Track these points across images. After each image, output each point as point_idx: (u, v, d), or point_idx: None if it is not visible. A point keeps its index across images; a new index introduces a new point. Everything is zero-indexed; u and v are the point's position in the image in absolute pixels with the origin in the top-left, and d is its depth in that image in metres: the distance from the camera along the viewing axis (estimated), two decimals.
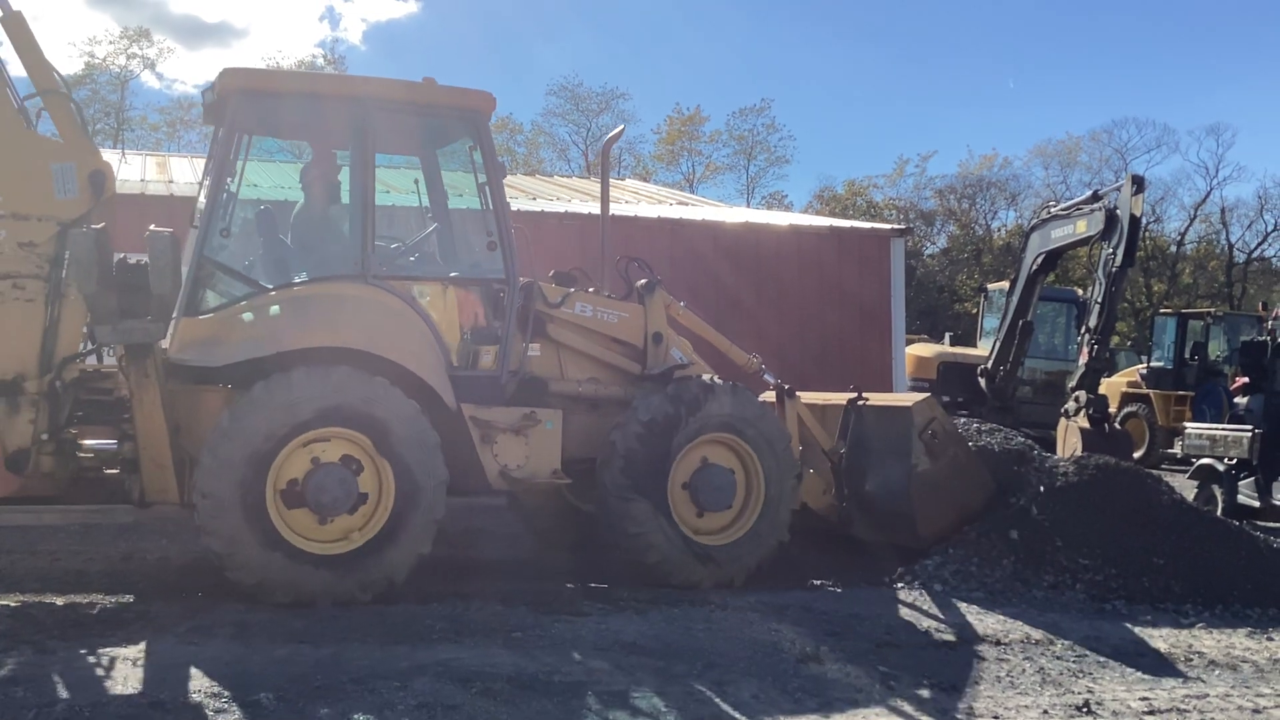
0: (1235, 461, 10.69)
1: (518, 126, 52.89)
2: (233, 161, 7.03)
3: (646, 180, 38.39)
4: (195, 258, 6.80)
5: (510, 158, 46.45)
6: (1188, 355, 19.32)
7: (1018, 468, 8.46)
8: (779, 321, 13.68)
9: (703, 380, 7.77)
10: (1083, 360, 11.75)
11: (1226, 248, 47.77)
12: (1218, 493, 10.85)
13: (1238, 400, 12.56)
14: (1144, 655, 6.36)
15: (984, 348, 16.90)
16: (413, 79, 7.42)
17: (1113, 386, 19.13)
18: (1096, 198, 11.95)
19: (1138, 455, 16.27)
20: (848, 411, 8.45)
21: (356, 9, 79.85)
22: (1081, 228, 11.98)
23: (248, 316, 6.79)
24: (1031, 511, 7.98)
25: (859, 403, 8.43)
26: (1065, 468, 8.41)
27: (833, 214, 41.39)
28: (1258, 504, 10.48)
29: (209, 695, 4.77)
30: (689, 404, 7.51)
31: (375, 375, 6.60)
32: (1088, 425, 11.22)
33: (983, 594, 7.43)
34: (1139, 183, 11.38)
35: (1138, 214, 11.31)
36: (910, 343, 18.13)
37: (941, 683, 5.60)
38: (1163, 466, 16.87)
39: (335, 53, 58.72)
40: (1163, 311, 23.88)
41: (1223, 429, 11.26)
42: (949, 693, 5.47)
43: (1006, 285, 15.23)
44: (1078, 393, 11.50)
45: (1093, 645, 6.44)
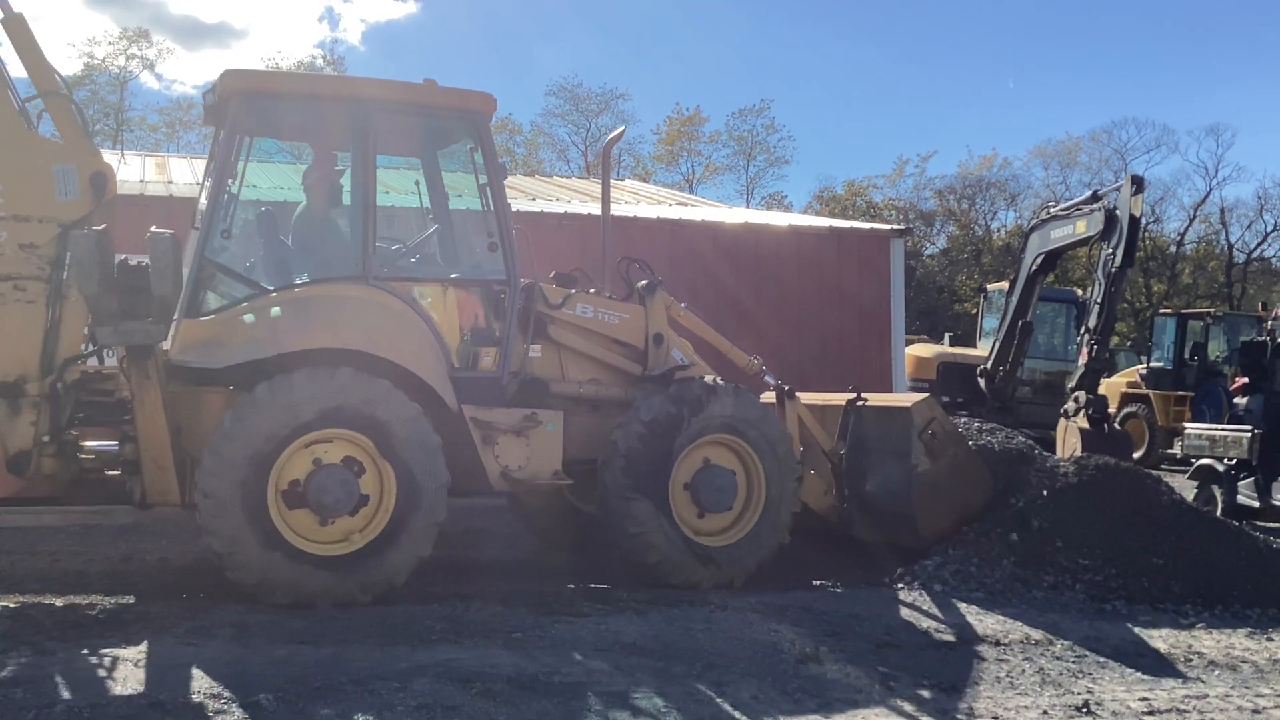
0: (1235, 462, 10.69)
1: (517, 127, 52.97)
2: (234, 163, 7.05)
3: (646, 181, 38.39)
4: (196, 259, 6.81)
5: (510, 158, 46.43)
6: (1187, 355, 19.31)
7: (1019, 468, 8.47)
8: (778, 322, 13.67)
9: (705, 381, 7.78)
10: (1082, 360, 11.73)
11: (1226, 248, 47.78)
12: (1217, 493, 10.85)
13: (1237, 400, 12.57)
14: (1144, 655, 6.37)
15: (983, 348, 16.88)
16: (412, 80, 7.44)
17: (1112, 387, 19.13)
18: (1096, 198, 11.93)
19: (1137, 456, 16.26)
20: (847, 412, 8.45)
21: (356, 10, 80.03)
22: (1081, 228, 11.97)
23: (249, 318, 6.79)
24: (1031, 512, 7.99)
25: (858, 403, 8.44)
26: (1065, 468, 8.42)
27: (832, 214, 41.40)
28: (1257, 504, 10.48)
29: (209, 696, 4.78)
30: (691, 404, 7.52)
31: (378, 377, 6.61)
32: (1087, 426, 11.21)
33: (982, 594, 7.43)
34: (1138, 183, 11.37)
35: (1137, 214, 11.30)
36: (910, 343, 18.13)
37: (941, 683, 5.60)
38: (1162, 467, 16.87)
39: (334, 53, 58.75)
40: (1162, 312, 23.87)
41: (1222, 429, 11.26)
42: (949, 693, 5.48)
43: (1006, 285, 15.21)
44: (1077, 393, 11.49)
45: (1092, 646, 6.44)
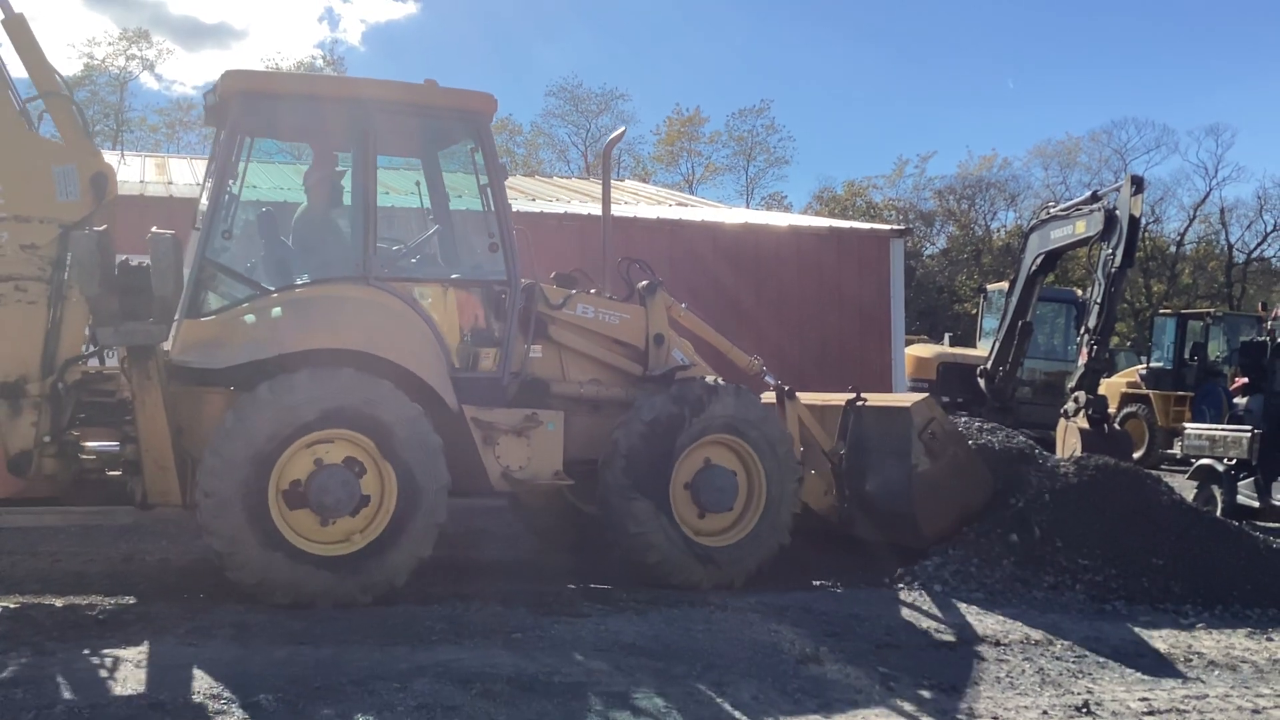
0: (1235, 462, 10.69)
1: (517, 128, 52.97)
2: (234, 164, 7.05)
3: (646, 181, 38.39)
4: (197, 260, 6.82)
5: (510, 159, 46.42)
6: (1187, 356, 19.32)
7: (1019, 468, 8.46)
8: (778, 322, 13.68)
9: (707, 381, 7.78)
10: (1082, 361, 11.74)
11: (1226, 248, 47.78)
12: (1217, 493, 10.85)
13: (1237, 400, 12.56)
14: (1143, 656, 6.37)
15: (983, 348, 16.88)
16: (412, 80, 7.44)
17: (1112, 387, 19.13)
18: (1096, 198, 11.94)
19: (1137, 456, 16.27)
20: (847, 412, 8.45)
21: (355, 10, 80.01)
22: (1081, 228, 11.97)
23: (250, 318, 6.80)
24: (1031, 513, 7.99)
25: (858, 403, 8.44)
26: (1065, 468, 8.42)
27: (832, 215, 41.40)
28: (1257, 504, 10.48)
29: (209, 696, 4.78)
30: (693, 404, 7.52)
31: (379, 377, 6.61)
32: (1087, 426, 11.21)
33: (982, 595, 7.43)
34: (1138, 183, 11.38)
35: (1137, 214, 11.31)
36: (910, 343, 18.13)
37: (941, 683, 5.61)
38: (1162, 467, 16.87)
39: (334, 54, 58.69)
40: (1162, 312, 23.88)
41: (1222, 429, 11.26)
42: (949, 693, 5.49)
43: (1006, 286, 15.21)
44: (1077, 393, 11.50)
45: (1092, 646, 6.45)
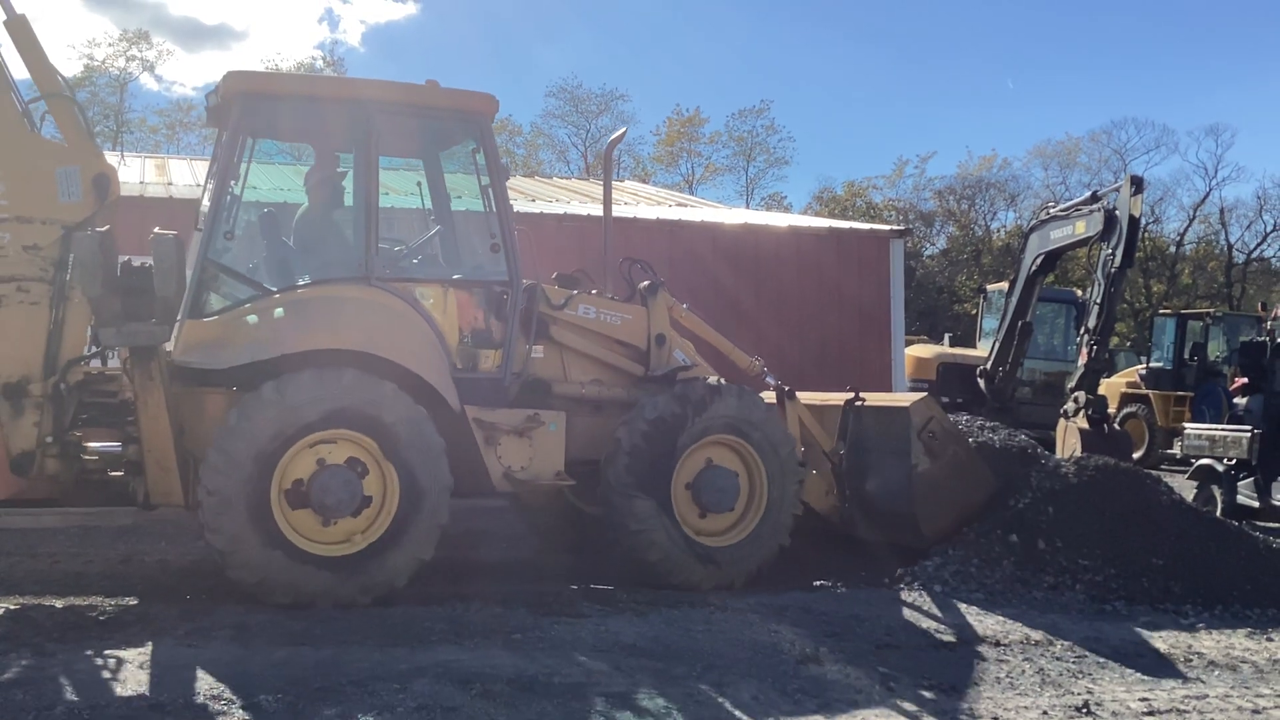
0: (1234, 462, 10.69)
1: (517, 128, 52.92)
2: (236, 164, 7.05)
3: (646, 182, 38.42)
4: (199, 260, 6.82)
5: (509, 159, 46.41)
6: (1187, 356, 19.32)
7: (1019, 467, 8.46)
8: (778, 323, 13.68)
9: (710, 382, 7.79)
10: (1082, 361, 11.74)
11: (1226, 248, 47.79)
12: (1217, 493, 10.85)
13: (1237, 401, 12.55)
14: (1143, 656, 6.38)
15: (983, 349, 16.89)
16: (412, 81, 7.45)
17: (1112, 387, 19.13)
18: (1095, 198, 11.94)
19: (1137, 456, 16.27)
20: (846, 412, 8.45)
21: (355, 11, 79.96)
22: (1080, 228, 11.97)
23: (252, 319, 6.80)
24: (1031, 513, 7.99)
25: (857, 403, 8.44)
26: (1065, 469, 8.42)
27: (832, 215, 41.42)
28: (1257, 504, 10.48)
29: (209, 697, 4.78)
30: (695, 404, 7.53)
31: (381, 378, 6.61)
32: (1087, 426, 11.21)
33: (982, 595, 7.43)
34: (1138, 183, 11.37)
35: (1136, 215, 11.31)
36: (910, 344, 18.15)
37: (941, 684, 5.62)
38: (1162, 467, 16.87)
39: (334, 55, 58.65)
40: (1162, 312, 23.88)
41: (1222, 429, 11.26)
42: (949, 694, 5.49)
43: (1006, 286, 15.22)
44: (1077, 393, 11.50)
45: (1092, 646, 6.45)
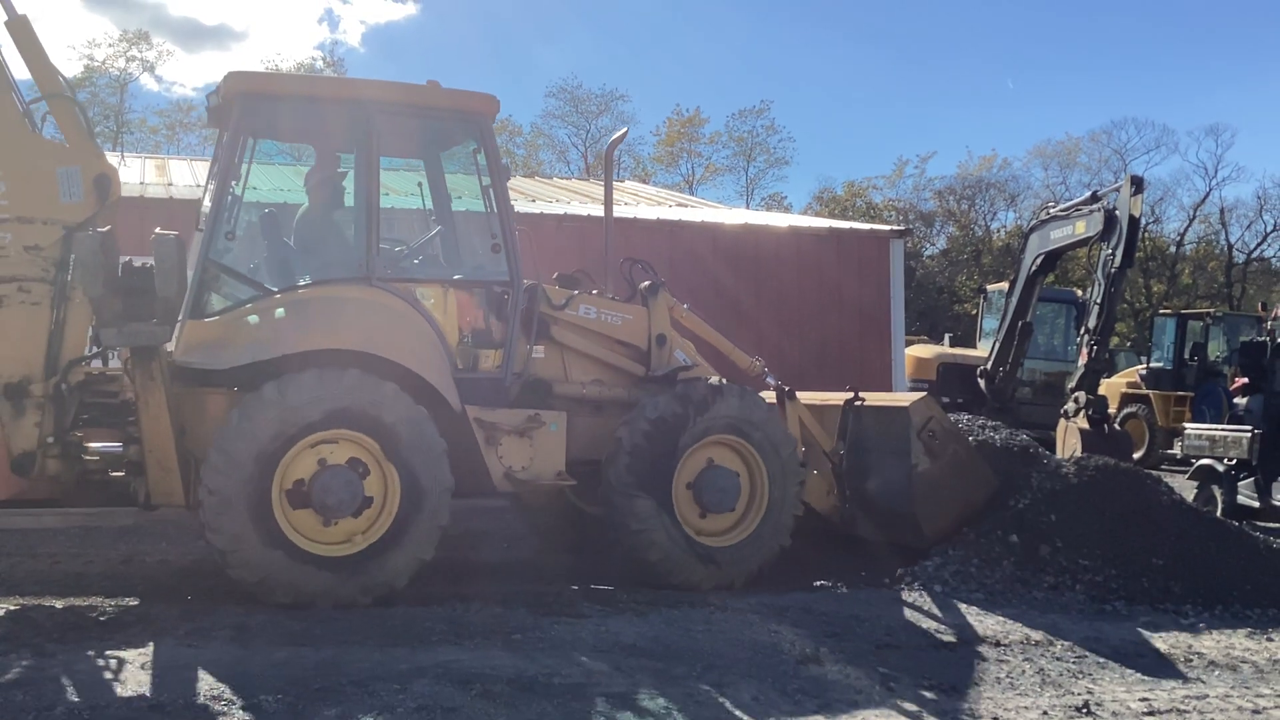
0: (1235, 462, 10.69)
1: (517, 129, 52.94)
2: (237, 165, 7.05)
3: (646, 182, 38.42)
4: (201, 261, 6.82)
5: (509, 160, 46.41)
6: (1187, 356, 19.31)
7: (1020, 467, 8.45)
8: (778, 323, 13.69)
9: (712, 382, 7.79)
10: (1082, 361, 11.75)
11: (1226, 248, 47.79)
12: (1217, 493, 10.85)
13: (1237, 401, 12.54)
14: (1144, 656, 6.38)
15: (983, 349, 16.90)
16: (412, 81, 7.45)
17: (1112, 387, 19.13)
18: (1095, 198, 11.95)
19: (1137, 456, 16.28)
20: (845, 412, 8.45)
21: (355, 11, 79.92)
22: (1080, 228, 11.98)
23: (253, 319, 6.80)
24: (1031, 513, 7.99)
25: (856, 403, 8.43)
26: (1065, 469, 8.42)
27: (832, 215, 41.43)
28: (1257, 504, 10.48)
29: (209, 698, 4.78)
30: (697, 404, 7.53)
31: (382, 378, 6.62)
32: (1087, 426, 11.22)
33: (982, 595, 7.43)
34: (1138, 183, 11.38)
35: (1137, 215, 11.32)
36: (910, 344, 18.15)
37: (941, 684, 5.62)
38: (1162, 467, 16.87)
39: (334, 55, 58.67)
40: (1162, 312, 23.87)
41: (1222, 429, 11.26)
42: (949, 694, 5.49)
43: (1006, 286, 15.23)
44: (1077, 393, 11.50)
45: (1092, 646, 6.45)
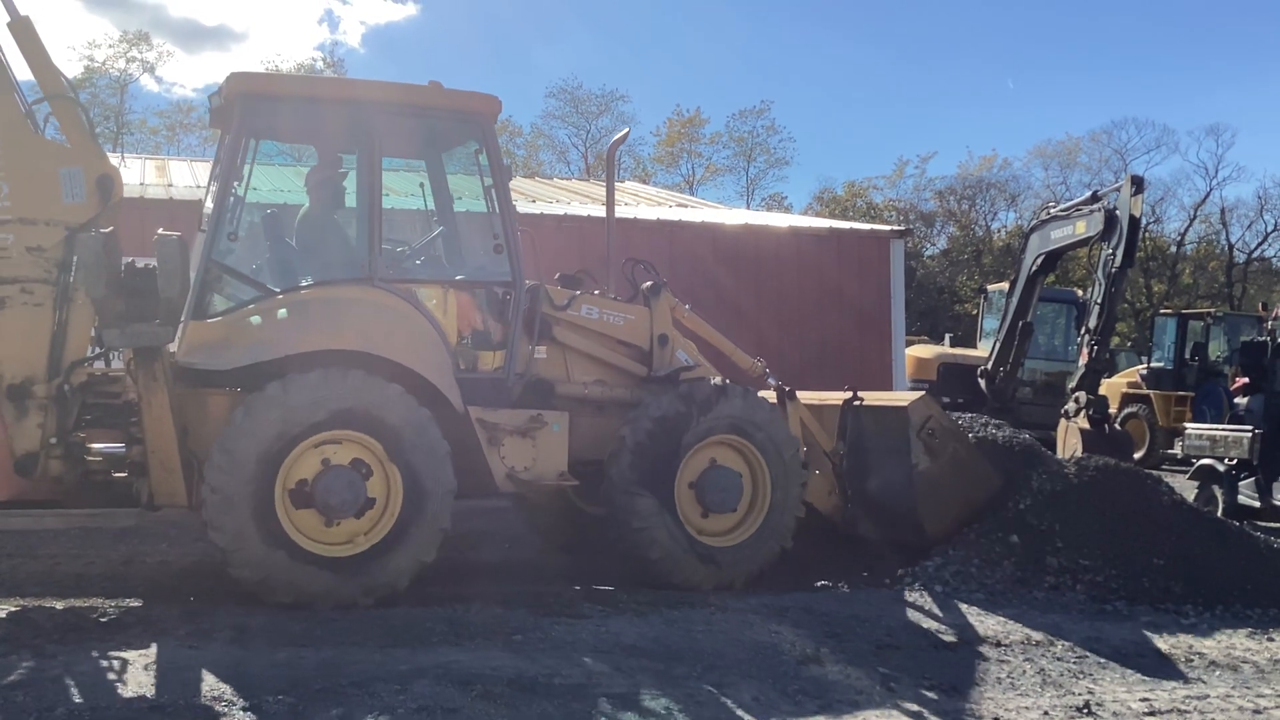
0: (1235, 462, 10.68)
1: (517, 129, 52.92)
2: (240, 166, 7.04)
3: (646, 182, 38.48)
4: (203, 261, 6.81)
5: (510, 160, 46.35)
6: (1188, 356, 19.30)
7: (1023, 468, 8.43)
8: (778, 323, 13.70)
9: (716, 382, 7.80)
10: (1083, 361, 11.77)
11: (1226, 248, 47.79)
12: (1218, 493, 10.85)
13: (1238, 400, 12.54)
14: (1144, 656, 6.38)
15: (984, 349, 16.91)
16: (412, 82, 7.46)
17: (1113, 387, 19.12)
18: (1096, 198, 11.97)
19: (1138, 456, 16.28)
20: (844, 412, 8.45)
21: (355, 12, 79.86)
22: (1081, 228, 12.00)
23: (256, 320, 6.80)
24: (1032, 513, 7.99)
25: (854, 402, 8.42)
26: (1066, 469, 8.42)
27: (832, 215, 41.46)
28: (1258, 504, 10.48)
29: (210, 698, 4.78)
30: (701, 404, 7.54)
31: (385, 379, 6.62)
32: (1088, 426, 11.24)
33: (983, 595, 7.43)
34: (1138, 183, 11.40)
35: (1137, 214, 11.34)
36: (910, 344, 18.16)
37: (942, 684, 5.62)
38: (1163, 467, 16.87)
39: (334, 56, 58.62)
40: (1163, 312, 23.86)
41: (1223, 429, 11.25)
42: (950, 694, 5.50)
43: (1006, 286, 15.24)
44: (1078, 394, 11.52)
45: (1093, 646, 6.45)
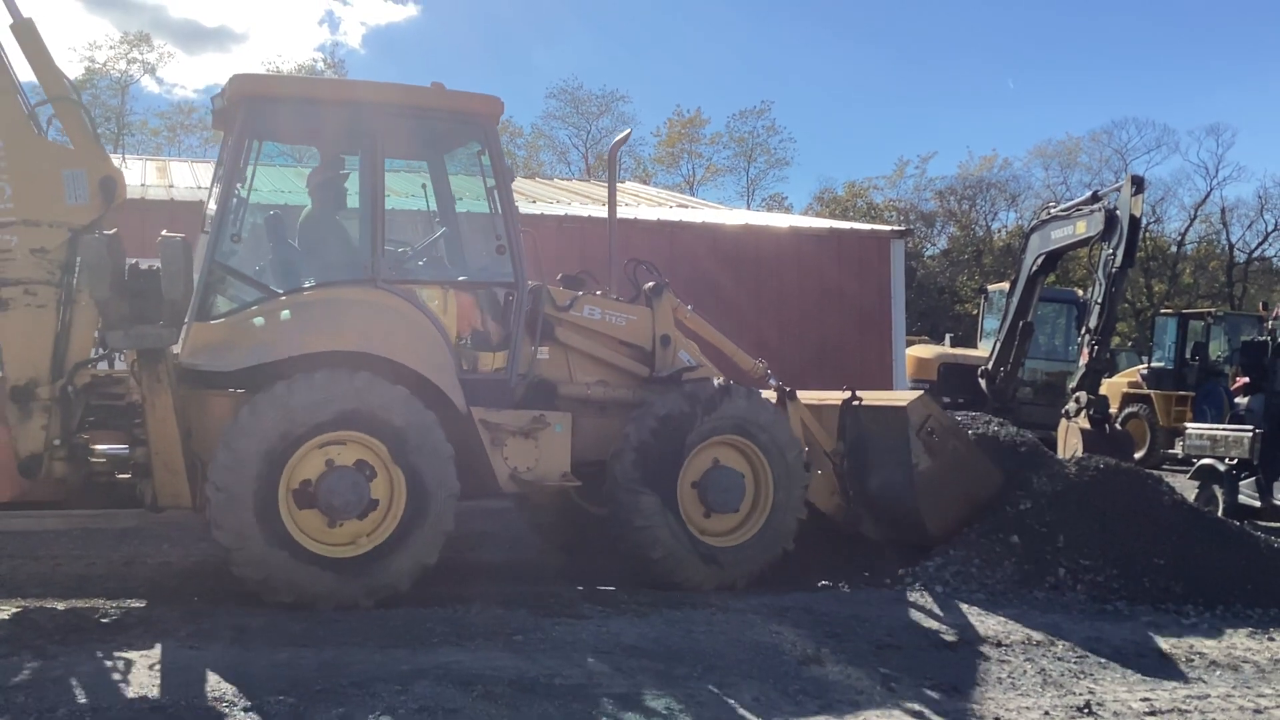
0: (1236, 462, 10.69)
1: (518, 130, 52.85)
2: (243, 167, 7.04)
3: (647, 183, 38.50)
4: (206, 263, 6.82)
5: (510, 160, 46.26)
6: (1188, 355, 19.31)
7: (1024, 467, 8.43)
8: (779, 323, 13.71)
9: (720, 382, 7.81)
10: (1083, 361, 11.77)
11: (1227, 248, 47.79)
12: (1219, 493, 10.85)
13: (1238, 400, 12.55)
14: (1145, 656, 6.39)
15: (984, 349, 16.92)
16: (413, 83, 7.45)
17: (1113, 387, 19.13)
18: (1096, 198, 11.97)
19: (1139, 456, 16.29)
20: (843, 412, 8.45)
21: (356, 13, 79.82)
22: (1081, 228, 12.01)
23: (259, 321, 6.81)
24: (1032, 514, 7.99)
25: (853, 402, 8.42)
26: (1067, 469, 8.42)
27: (833, 216, 41.47)
28: (1259, 504, 10.48)
29: (211, 699, 4.80)
30: (705, 403, 7.55)
31: (389, 380, 6.63)
32: (1088, 426, 11.24)
33: (984, 595, 7.43)
34: (1138, 183, 11.41)
35: (1137, 214, 11.34)
36: (911, 344, 18.17)
37: (943, 684, 5.63)
38: (1164, 467, 16.88)
39: (335, 56, 58.75)
40: (1163, 312, 23.87)
41: (1223, 429, 11.26)
42: (950, 694, 5.51)
43: (1007, 286, 15.25)
44: (1078, 393, 11.52)
45: (1094, 646, 6.46)
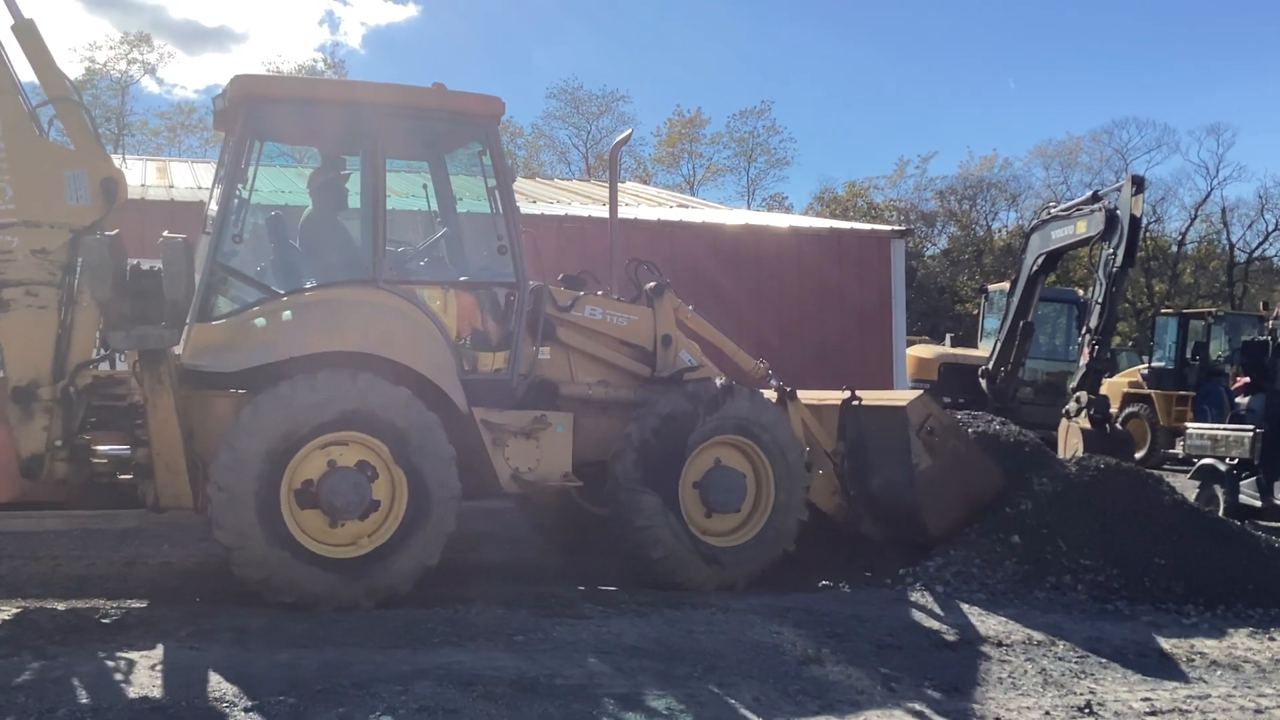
0: (1237, 461, 10.69)
1: (518, 130, 52.81)
2: (244, 168, 7.04)
3: (647, 183, 38.51)
4: (208, 264, 6.82)
5: (511, 161, 46.27)
6: (1189, 355, 19.32)
7: (1025, 467, 8.42)
8: (779, 323, 13.71)
9: (722, 382, 7.82)
10: (1084, 361, 11.79)
11: (1227, 247, 47.80)
12: (1219, 493, 10.85)
13: (1239, 400, 12.55)
14: (1146, 656, 6.39)
15: (985, 349, 16.94)
16: (413, 83, 7.45)
17: (1114, 387, 19.13)
18: (1097, 198, 11.99)
19: (1139, 456, 16.31)
20: (843, 412, 8.45)
21: (356, 13, 79.75)
22: (1082, 228, 12.02)
23: (260, 322, 6.81)
24: (1033, 514, 8.00)
25: (853, 402, 8.43)
26: (1067, 469, 8.43)
27: (833, 215, 41.48)
28: (1259, 504, 10.48)
29: (212, 699, 4.80)
30: (708, 403, 7.55)
31: (390, 381, 6.63)
32: (1089, 426, 11.25)
33: (984, 595, 7.43)
34: (1139, 183, 11.43)
35: (1138, 214, 11.35)
36: (911, 344, 18.17)
37: (943, 684, 5.63)
38: (1164, 467, 16.89)
39: (335, 57, 58.76)
40: (1164, 311, 23.87)
41: (1224, 429, 11.25)
42: (951, 694, 5.51)
43: (1007, 286, 15.26)
44: (1079, 393, 11.53)
45: (1094, 646, 6.46)
